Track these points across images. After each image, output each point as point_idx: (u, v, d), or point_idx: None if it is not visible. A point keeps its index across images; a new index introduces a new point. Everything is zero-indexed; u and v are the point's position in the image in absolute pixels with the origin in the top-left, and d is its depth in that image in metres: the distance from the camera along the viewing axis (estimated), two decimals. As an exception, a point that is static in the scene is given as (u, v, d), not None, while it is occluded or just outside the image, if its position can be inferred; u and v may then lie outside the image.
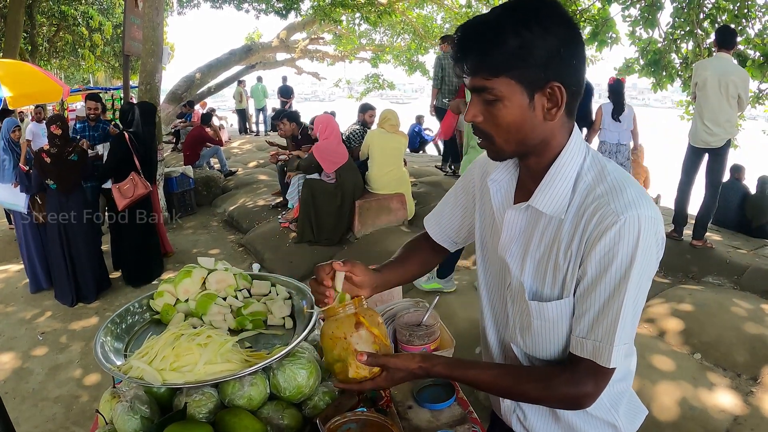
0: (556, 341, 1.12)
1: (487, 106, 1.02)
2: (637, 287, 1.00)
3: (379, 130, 5.97)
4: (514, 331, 1.20)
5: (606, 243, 0.97)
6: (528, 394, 1.10)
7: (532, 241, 1.11)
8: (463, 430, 1.46)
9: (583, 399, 1.06)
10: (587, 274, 1.01)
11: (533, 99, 0.99)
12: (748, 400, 3.02)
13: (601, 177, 1.03)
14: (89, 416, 3.49)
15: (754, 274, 4.49)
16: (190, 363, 1.35)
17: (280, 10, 13.08)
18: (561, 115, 1.01)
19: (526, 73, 0.96)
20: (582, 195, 1.03)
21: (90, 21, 16.11)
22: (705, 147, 4.89)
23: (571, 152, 1.05)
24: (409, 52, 19.48)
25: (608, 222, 0.97)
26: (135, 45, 7.49)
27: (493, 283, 1.26)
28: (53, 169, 4.90)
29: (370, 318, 1.16)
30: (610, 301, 1.00)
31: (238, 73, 17.65)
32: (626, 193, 0.99)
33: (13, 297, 5.51)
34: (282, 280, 1.87)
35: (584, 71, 1.02)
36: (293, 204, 6.31)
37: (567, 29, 0.97)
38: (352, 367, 1.12)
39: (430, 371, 1.12)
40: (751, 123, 11.13)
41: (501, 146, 1.06)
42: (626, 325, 1.00)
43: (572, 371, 1.06)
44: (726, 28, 5.04)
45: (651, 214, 0.97)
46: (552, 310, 1.08)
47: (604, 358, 1.01)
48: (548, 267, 1.08)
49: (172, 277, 1.80)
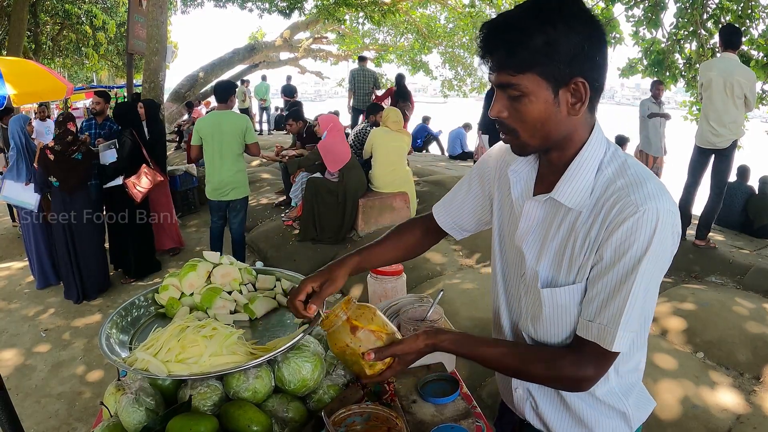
0: (566, 329, 1.14)
1: (512, 102, 1.04)
2: (649, 277, 1.01)
3: (382, 129, 5.98)
4: (526, 320, 1.22)
5: (623, 231, 0.99)
6: (532, 372, 1.13)
7: (549, 232, 1.13)
8: (467, 425, 1.46)
9: (583, 382, 1.08)
10: (602, 260, 1.04)
11: (558, 95, 1.01)
12: (751, 399, 3.01)
13: (622, 171, 1.05)
14: (92, 413, 3.50)
15: (757, 274, 4.48)
16: (195, 355, 1.35)
17: (284, 10, 13.12)
18: (584, 110, 1.04)
19: (550, 69, 0.98)
20: (602, 187, 1.05)
21: (94, 20, 16.14)
22: (711, 148, 4.87)
23: (593, 146, 1.08)
24: (413, 51, 19.50)
25: (628, 212, 0.99)
26: (139, 44, 7.51)
27: (509, 271, 1.28)
28: (56, 167, 4.91)
29: (363, 317, 1.19)
30: (619, 287, 1.02)
31: (241, 72, 17.69)
32: (646, 186, 1.01)
33: (17, 294, 5.52)
34: (287, 274, 1.88)
35: (606, 67, 1.04)
36: (297, 202, 6.31)
37: (590, 26, 0.99)
38: (366, 367, 1.17)
39: (438, 346, 1.14)
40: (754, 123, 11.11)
41: (526, 141, 1.07)
42: (634, 312, 1.02)
43: (577, 353, 1.09)
44: (731, 28, 5.01)
45: (669, 207, 1.00)
46: (564, 296, 1.11)
47: (607, 341, 1.03)
48: (564, 256, 1.10)
49: (177, 271, 1.81)
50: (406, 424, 1.33)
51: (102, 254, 5.50)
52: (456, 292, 4.40)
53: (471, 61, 19.47)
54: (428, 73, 20.66)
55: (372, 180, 6.06)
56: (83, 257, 5.19)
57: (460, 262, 5.08)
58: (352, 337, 1.16)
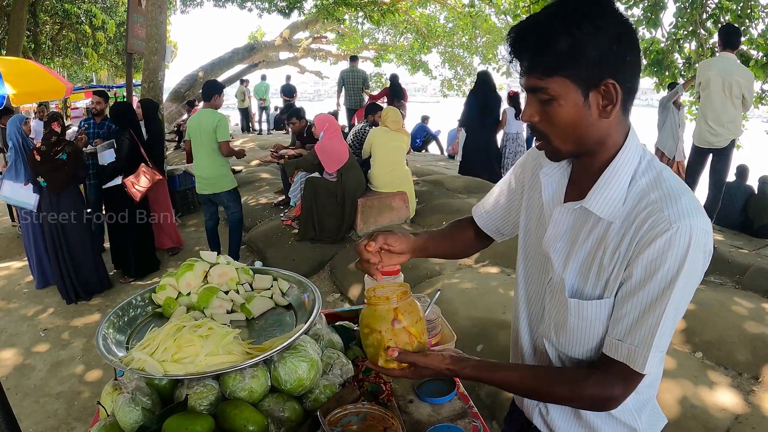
0: (590, 341, 1.11)
1: (542, 106, 1.02)
2: (680, 297, 0.99)
3: (381, 129, 5.98)
4: (548, 327, 1.19)
5: (655, 249, 0.97)
6: (555, 395, 1.10)
7: (578, 240, 1.10)
8: (464, 424, 1.46)
9: (610, 401, 1.05)
10: (632, 277, 1.00)
11: (588, 97, 0.98)
12: (749, 399, 3.01)
13: (657, 182, 1.02)
14: (91, 412, 3.50)
15: (756, 274, 4.48)
16: (191, 354, 1.35)
17: (283, 9, 13.12)
18: (617, 112, 1.01)
19: (579, 71, 0.96)
20: (635, 199, 1.02)
21: (93, 19, 16.12)
22: (709, 147, 4.88)
23: (627, 154, 1.04)
24: (412, 51, 19.51)
25: (660, 228, 0.96)
26: (138, 43, 7.51)
27: (532, 276, 1.25)
28: (42, 167, 4.91)
29: (409, 315, 1.17)
30: (651, 308, 0.99)
31: (240, 72, 17.67)
32: (681, 201, 0.98)
33: (16, 294, 5.52)
34: (283, 274, 1.88)
35: (639, 67, 1.02)
36: (296, 202, 6.31)
37: (619, 25, 0.97)
38: (382, 358, 1.17)
39: (459, 373, 1.14)
40: (754, 123, 11.12)
41: (558, 146, 1.06)
42: (665, 333, 1.00)
43: (603, 373, 1.05)
44: (730, 28, 5.01)
45: (703, 226, 0.97)
46: (590, 309, 1.08)
47: (638, 363, 1.01)
48: (592, 267, 1.07)
49: (175, 270, 1.81)
50: (402, 423, 1.33)
51: (95, 255, 5.47)
52: (455, 291, 4.40)
53: (470, 61, 19.49)
54: (428, 72, 20.67)
55: (371, 180, 6.06)
56: (74, 258, 5.17)
57: (459, 261, 5.08)
58: (389, 327, 1.15)
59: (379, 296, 1.19)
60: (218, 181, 5.30)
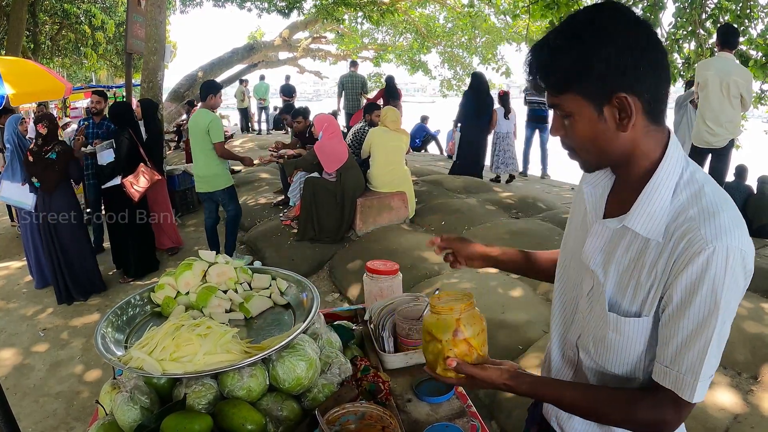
0: (629, 357, 1.09)
1: (564, 121, 1.03)
2: (723, 321, 0.96)
3: (381, 128, 5.98)
4: (587, 339, 1.17)
5: (693, 271, 0.94)
6: (609, 417, 1.09)
7: (615, 254, 1.08)
8: (462, 424, 1.46)
9: (664, 425, 1.04)
10: (672, 301, 0.98)
11: (602, 112, 0.98)
12: (748, 399, 3.01)
13: (697, 198, 0.98)
14: (90, 412, 3.50)
15: (755, 274, 4.43)
16: (189, 353, 1.35)
17: (283, 9, 13.11)
18: (639, 124, 0.99)
19: (587, 87, 0.96)
20: (674, 214, 0.99)
21: (92, 19, 16.10)
22: (707, 147, 4.88)
23: (668, 167, 1.01)
24: (411, 51, 19.49)
25: (696, 248, 0.93)
26: (137, 43, 7.50)
27: (569, 285, 1.24)
28: (35, 167, 4.91)
29: (471, 326, 1.18)
30: (695, 334, 0.97)
31: (240, 72, 17.66)
32: (719, 218, 0.94)
33: (15, 294, 5.52)
34: (282, 273, 1.88)
35: (661, 74, 0.98)
36: (295, 202, 6.31)
37: (628, 35, 0.94)
38: (440, 367, 1.18)
39: (515, 390, 1.14)
40: (754, 123, 11.12)
41: (585, 158, 1.07)
42: (711, 358, 0.98)
43: (653, 397, 1.04)
44: (728, 28, 5.02)
45: (741, 246, 0.94)
46: (629, 327, 1.06)
47: (687, 392, 0.99)
48: (630, 283, 1.05)
49: (173, 269, 1.81)
50: (400, 422, 1.33)
51: (90, 255, 5.44)
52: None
53: (470, 61, 19.48)
54: (427, 72, 20.65)
55: (370, 179, 6.06)
56: (67, 258, 5.16)
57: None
58: (450, 337, 1.16)
59: (443, 306, 1.19)
60: (213, 179, 5.41)
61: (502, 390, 1.15)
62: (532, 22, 9.92)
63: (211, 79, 8.00)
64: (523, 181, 9.52)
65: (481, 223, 5.84)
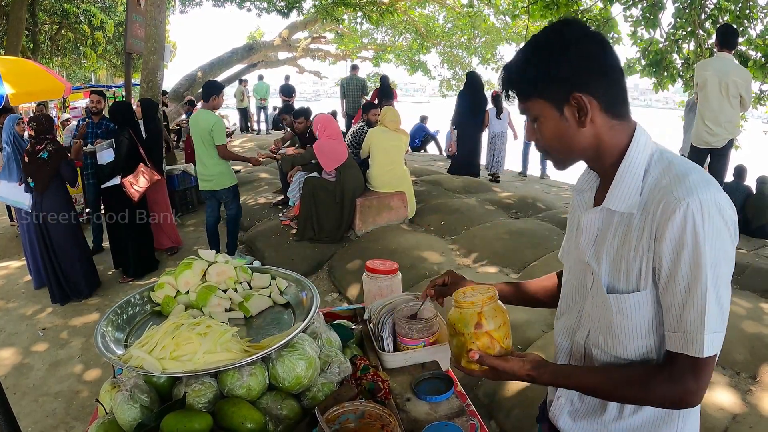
0: (637, 339, 1.13)
1: (533, 126, 1.16)
2: (715, 270, 1.00)
3: (380, 128, 5.98)
4: (596, 335, 1.21)
5: (673, 230, 1.00)
6: (628, 396, 1.13)
7: (606, 240, 1.16)
8: (461, 423, 1.46)
9: (686, 396, 1.06)
10: (663, 266, 1.04)
11: (563, 112, 1.10)
12: (747, 399, 3.02)
13: (667, 170, 1.07)
14: (89, 411, 3.50)
15: (754, 274, 4.49)
16: (189, 352, 1.36)
17: (282, 9, 13.11)
18: (599, 120, 1.10)
19: (548, 91, 1.10)
20: (649, 189, 1.08)
21: (92, 19, 16.09)
22: (707, 147, 4.88)
23: (635, 152, 1.11)
24: (411, 51, 19.50)
25: (672, 208, 1.00)
26: (137, 43, 7.50)
27: (571, 286, 1.30)
28: (29, 167, 4.91)
29: (493, 319, 1.22)
30: (690, 291, 1.01)
31: (239, 72, 17.65)
32: (688, 179, 1.02)
33: (15, 293, 5.52)
34: (282, 272, 1.88)
35: (613, 75, 1.10)
36: (294, 202, 6.32)
37: (578, 45, 1.07)
38: (464, 359, 1.23)
39: (537, 379, 1.18)
40: (754, 123, 11.12)
41: (556, 156, 1.18)
42: (712, 310, 1.01)
43: (669, 369, 1.07)
44: (727, 28, 5.01)
45: (713, 198, 0.99)
46: (630, 304, 1.11)
47: (695, 348, 1.02)
48: (621, 263, 1.11)
49: (173, 269, 1.81)
50: (399, 421, 1.34)
51: (84, 256, 5.40)
52: (453, 291, 4.41)
53: (469, 61, 19.49)
54: (426, 72, 20.66)
55: (369, 179, 6.06)
56: (59, 258, 5.14)
57: (458, 261, 5.09)
58: (472, 330, 1.21)
59: (465, 300, 1.24)
60: (216, 178, 5.44)
61: (525, 381, 1.19)
62: (531, 23, 9.92)
63: (214, 80, 8.02)
64: (522, 181, 9.54)
65: (481, 223, 5.84)
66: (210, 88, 5.56)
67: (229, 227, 5.72)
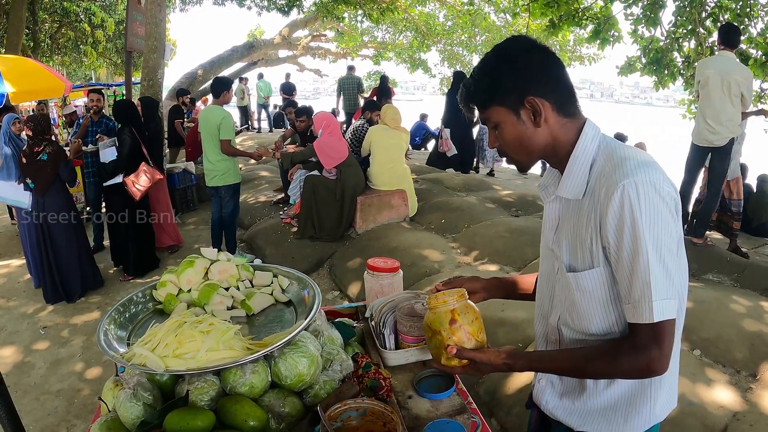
0: (599, 312, 1.22)
1: (495, 132, 1.26)
2: (657, 244, 1.08)
3: (380, 126, 5.98)
4: (565, 314, 1.30)
5: (614, 211, 1.10)
6: (599, 371, 1.20)
7: (564, 227, 1.27)
8: (463, 420, 1.47)
9: (651, 363, 1.12)
10: (610, 244, 1.13)
11: (520, 115, 1.20)
12: (747, 397, 3.02)
13: (609, 158, 1.17)
14: (91, 410, 3.51)
15: (754, 272, 4.49)
16: (192, 350, 1.36)
17: (283, 7, 13.10)
18: (552, 120, 1.20)
19: (505, 98, 1.20)
20: (596, 177, 1.18)
21: (92, 17, 16.08)
22: (708, 146, 4.87)
23: (583, 144, 1.21)
24: (411, 49, 19.48)
25: (611, 191, 1.10)
26: (137, 41, 7.50)
27: (544, 273, 1.40)
28: (28, 169, 4.90)
29: (465, 315, 1.30)
30: (634, 264, 1.10)
31: (239, 70, 17.66)
32: (626, 164, 1.12)
33: (15, 292, 5.52)
34: (284, 270, 1.88)
35: (560, 80, 1.21)
36: (295, 200, 6.32)
37: (528, 55, 1.19)
38: (443, 356, 1.29)
39: (514, 367, 1.27)
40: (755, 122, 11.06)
41: (518, 158, 1.28)
42: (659, 280, 1.09)
43: (631, 339, 1.15)
44: (729, 26, 5.00)
45: (647, 178, 1.09)
46: (586, 280, 1.20)
47: (645, 315, 1.10)
48: (576, 244, 1.22)
49: (175, 267, 1.82)
50: (401, 419, 1.34)
51: (86, 256, 5.40)
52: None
53: (470, 59, 19.47)
54: (427, 70, 20.64)
55: (370, 178, 6.06)
56: (57, 259, 5.13)
57: (458, 259, 5.09)
58: (447, 327, 1.28)
59: (438, 300, 1.32)
60: (220, 174, 5.49)
61: (504, 370, 1.27)
62: (532, 20, 9.94)
63: (223, 76, 8.05)
64: (522, 179, 9.54)
65: (481, 221, 5.84)
66: (220, 85, 5.61)
67: (226, 226, 5.75)
